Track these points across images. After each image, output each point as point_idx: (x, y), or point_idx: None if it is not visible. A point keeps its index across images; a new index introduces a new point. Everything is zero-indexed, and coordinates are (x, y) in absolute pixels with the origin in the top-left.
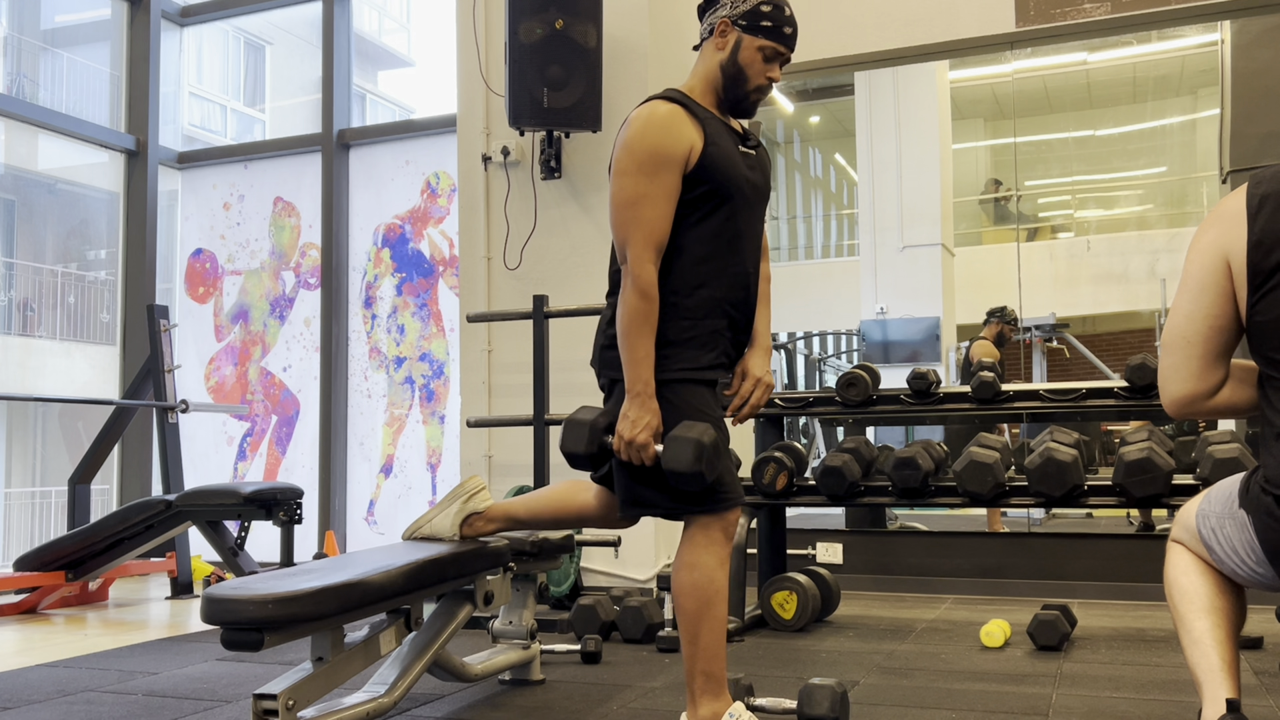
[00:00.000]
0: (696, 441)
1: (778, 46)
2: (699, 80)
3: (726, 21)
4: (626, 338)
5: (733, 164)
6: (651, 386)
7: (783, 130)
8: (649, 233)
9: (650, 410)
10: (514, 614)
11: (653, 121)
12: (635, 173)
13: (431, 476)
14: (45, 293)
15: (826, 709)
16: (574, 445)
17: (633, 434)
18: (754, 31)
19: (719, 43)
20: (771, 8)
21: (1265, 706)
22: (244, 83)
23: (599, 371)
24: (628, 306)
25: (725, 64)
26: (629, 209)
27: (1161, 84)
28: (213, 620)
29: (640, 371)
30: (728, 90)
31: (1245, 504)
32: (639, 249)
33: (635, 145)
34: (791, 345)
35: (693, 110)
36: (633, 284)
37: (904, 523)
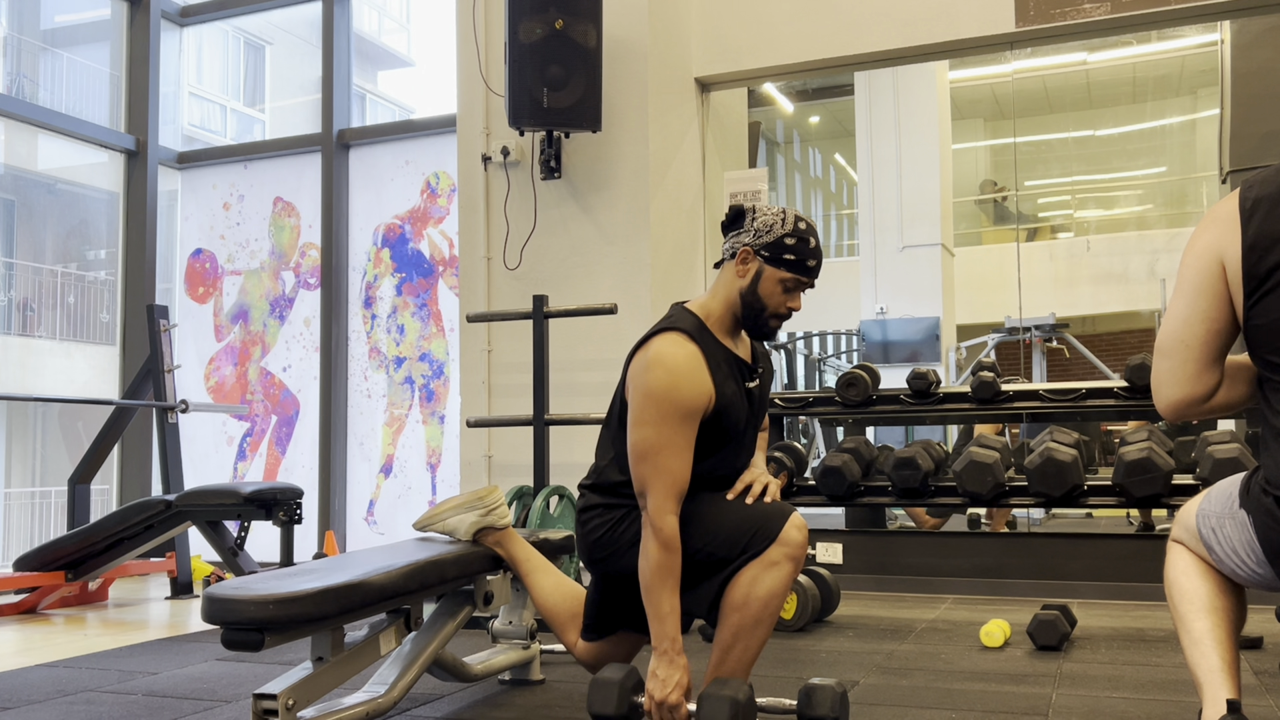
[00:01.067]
0: (732, 700)
1: (800, 278)
2: (719, 304)
3: (749, 250)
4: (650, 593)
5: (738, 410)
6: (679, 643)
7: (783, 130)
8: (671, 483)
9: (679, 667)
10: (514, 614)
11: (677, 374)
12: (658, 424)
13: (431, 476)
14: (45, 293)
15: (826, 709)
16: (603, 707)
17: (664, 694)
18: (777, 264)
19: (740, 270)
20: (796, 240)
21: (1265, 706)
22: (244, 83)
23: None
24: (650, 559)
25: (745, 292)
26: (652, 459)
27: (1161, 84)
28: (213, 620)
29: (666, 628)
30: (746, 318)
31: (1245, 504)
32: (660, 499)
33: (659, 397)
34: (791, 345)
35: (707, 353)
36: (654, 535)
37: (904, 523)
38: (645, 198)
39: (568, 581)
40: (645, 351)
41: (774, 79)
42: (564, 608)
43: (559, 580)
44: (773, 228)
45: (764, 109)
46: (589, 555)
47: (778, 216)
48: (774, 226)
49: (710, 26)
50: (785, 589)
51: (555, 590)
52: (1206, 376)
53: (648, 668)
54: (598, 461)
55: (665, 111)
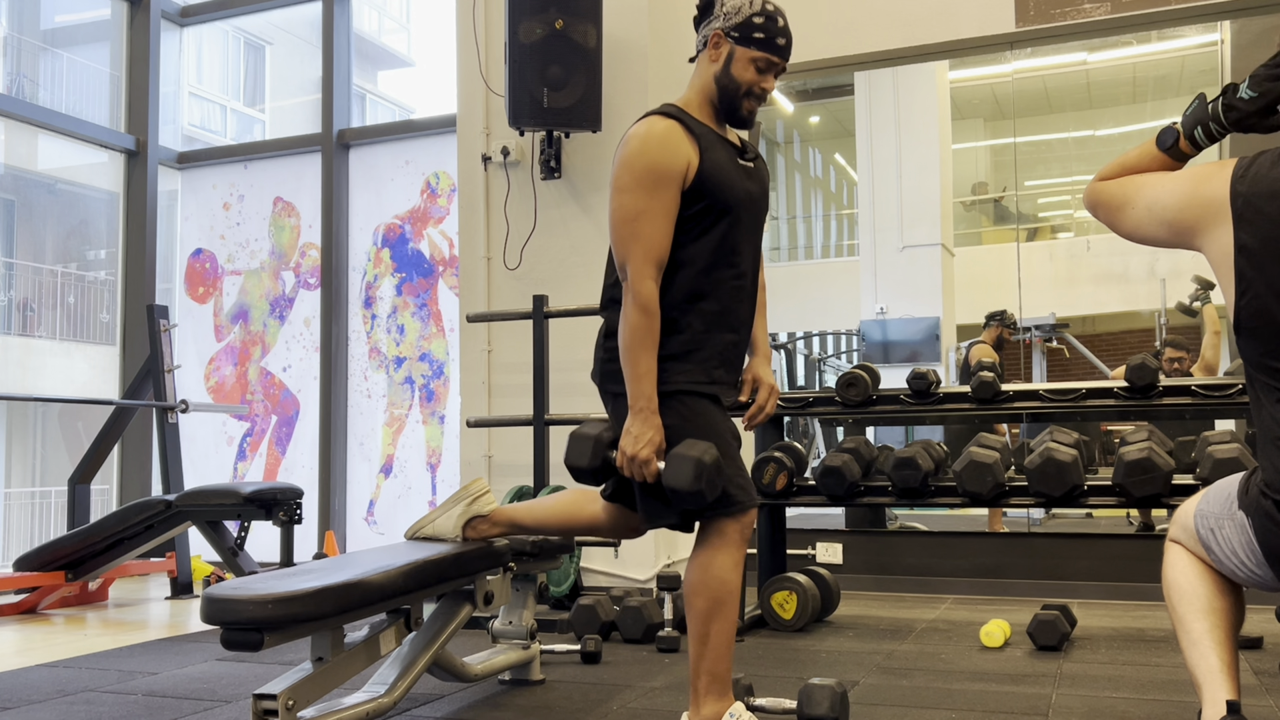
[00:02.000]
0: (697, 460)
1: (771, 57)
2: (695, 93)
3: (720, 33)
4: (628, 353)
5: (730, 178)
6: (654, 402)
7: (783, 130)
8: (649, 248)
9: (653, 426)
10: (514, 614)
11: (650, 138)
12: (634, 189)
13: (431, 476)
14: (45, 293)
15: (826, 709)
16: (578, 459)
17: (635, 450)
18: (747, 43)
19: (713, 54)
20: (764, 19)
21: (1265, 706)
22: (244, 83)
23: (600, 386)
24: (629, 322)
25: (719, 75)
26: (628, 225)
27: (1161, 84)
28: (213, 620)
29: (643, 387)
30: (723, 102)
31: (1244, 506)
32: (639, 265)
33: (634, 162)
34: (791, 345)
35: (689, 126)
36: (633, 300)
37: (904, 523)
38: None
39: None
40: (625, 134)
41: None
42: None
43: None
44: (741, 9)
45: (764, 109)
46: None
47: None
48: (742, 8)
49: None
50: (741, 565)
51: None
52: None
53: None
54: (606, 280)
55: None
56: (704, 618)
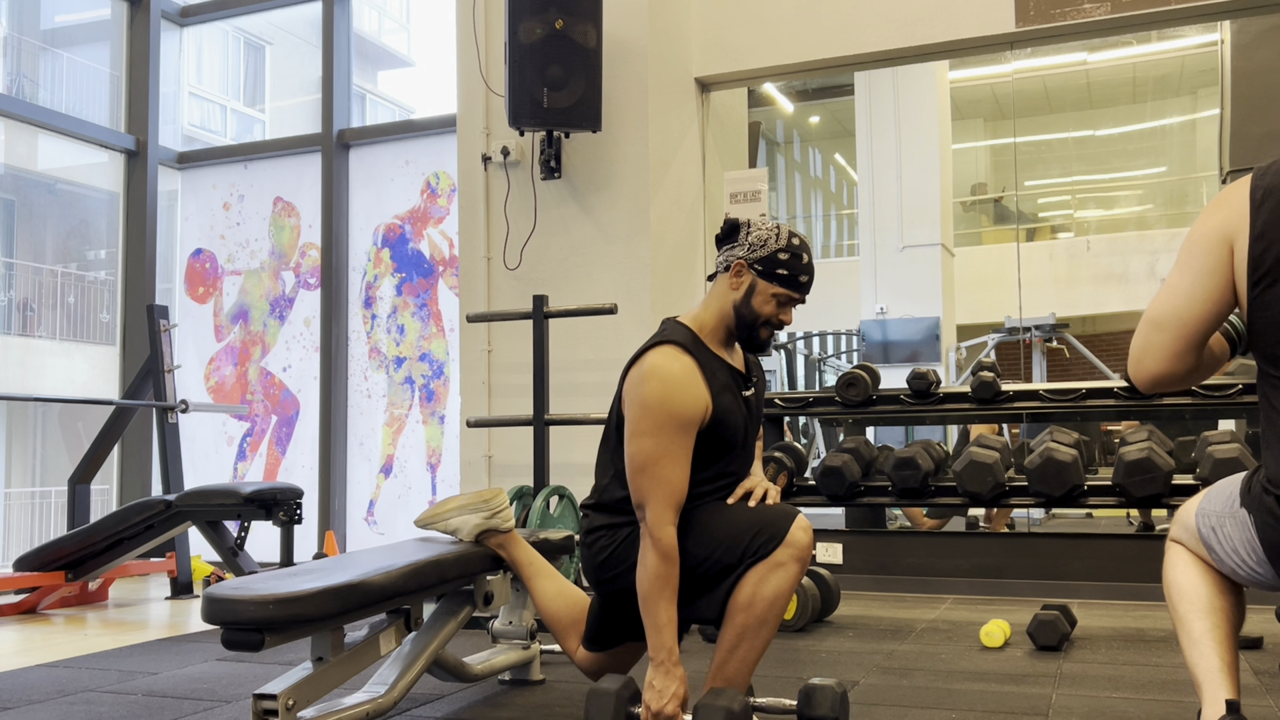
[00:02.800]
0: (727, 710)
1: (792, 294)
2: (712, 316)
3: (743, 264)
4: (648, 603)
5: (735, 419)
6: (676, 654)
7: (783, 130)
8: (669, 493)
9: (676, 678)
10: (514, 614)
11: (671, 384)
12: (655, 434)
13: (431, 476)
14: (45, 293)
15: (826, 709)
16: (600, 718)
17: (660, 705)
18: (770, 278)
19: (734, 282)
20: (789, 256)
21: (1265, 706)
22: (244, 83)
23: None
24: (648, 570)
25: (739, 305)
26: (650, 470)
27: (1161, 84)
28: (213, 620)
29: (663, 638)
30: (739, 330)
31: (1247, 503)
32: (659, 510)
33: (655, 408)
34: (791, 345)
35: (702, 365)
36: (654, 547)
37: (903, 523)
38: (645, 198)
39: (569, 587)
40: (640, 365)
41: (774, 79)
42: (566, 614)
43: (561, 586)
44: (767, 242)
45: (764, 109)
46: (596, 576)
47: (772, 232)
48: (768, 241)
49: (710, 26)
50: (791, 590)
51: (558, 596)
52: (1190, 356)
53: (644, 678)
54: (598, 480)
55: (665, 111)
56: (740, 631)
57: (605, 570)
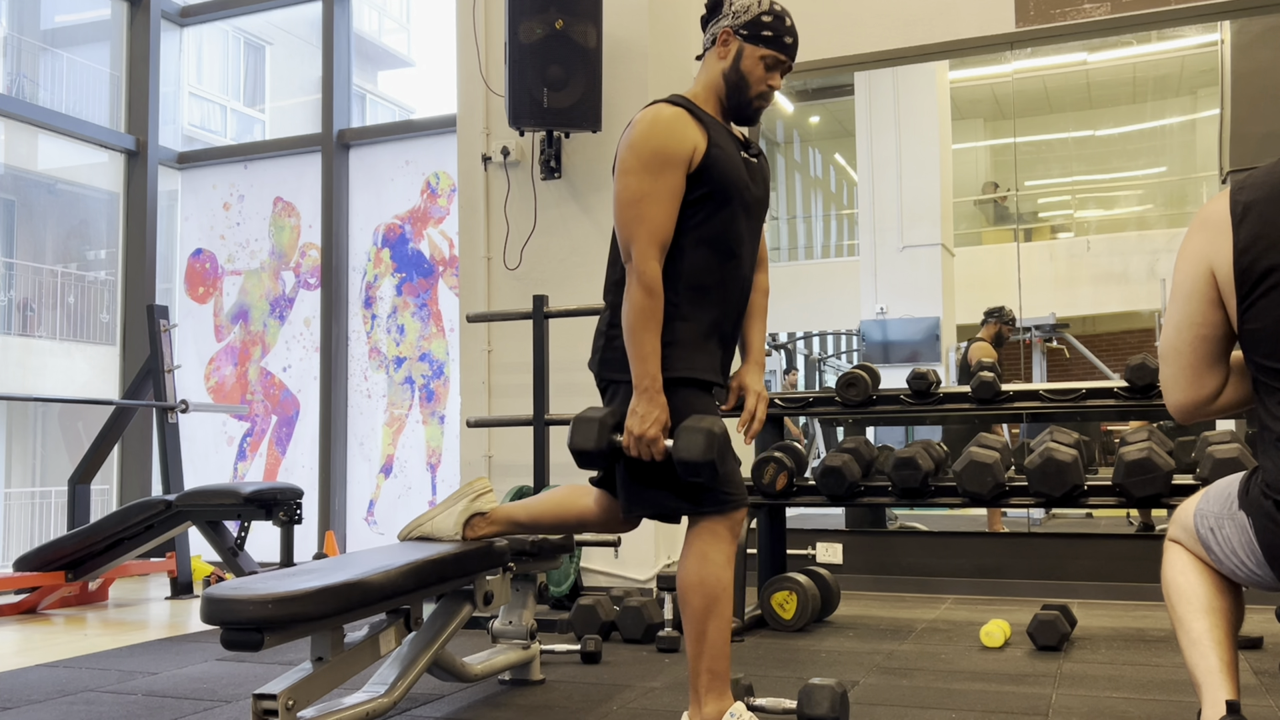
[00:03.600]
0: (708, 431)
1: (779, 55)
2: (702, 88)
3: (728, 31)
4: (633, 334)
5: (735, 168)
6: (659, 382)
7: (783, 130)
8: (653, 230)
9: (659, 405)
10: (514, 614)
11: (658, 122)
12: (640, 171)
13: (431, 476)
14: (45, 293)
15: (826, 709)
16: (583, 442)
17: (642, 429)
18: (755, 41)
19: (721, 51)
20: (772, 18)
21: (1265, 706)
22: (244, 83)
23: (598, 374)
24: (634, 303)
25: (727, 72)
26: (633, 207)
27: (1161, 84)
28: (213, 620)
29: (648, 367)
30: (730, 98)
31: (1245, 505)
32: (643, 246)
33: (640, 145)
34: (791, 345)
35: (696, 114)
36: (638, 280)
37: (904, 523)
38: None
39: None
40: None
41: None
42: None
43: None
44: (749, 7)
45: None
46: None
47: None
48: (750, 6)
49: None
50: (732, 562)
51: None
52: (1207, 380)
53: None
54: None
55: None
56: (700, 616)
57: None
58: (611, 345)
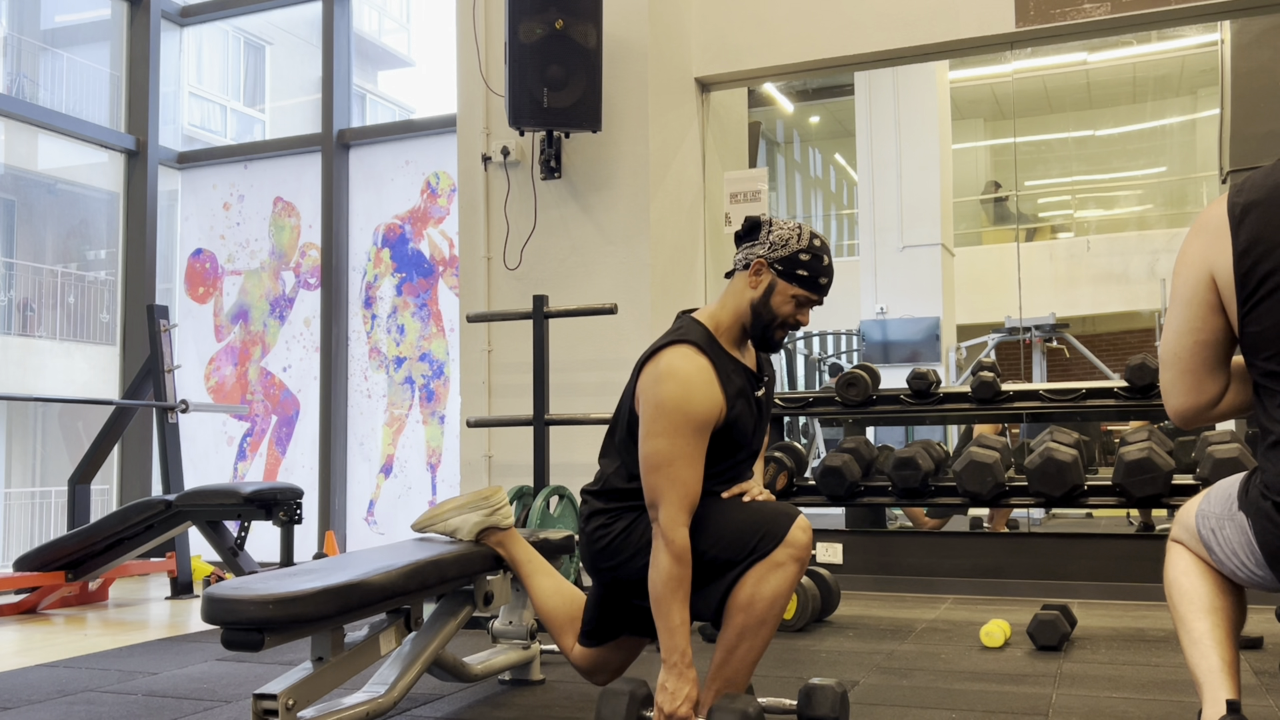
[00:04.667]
0: (743, 713)
1: (811, 296)
2: (728, 314)
3: (763, 262)
4: (660, 604)
5: (747, 420)
6: (689, 656)
7: (783, 130)
8: (684, 494)
9: (689, 681)
10: (514, 614)
11: (688, 385)
12: (671, 435)
13: (431, 476)
14: (45, 293)
15: (826, 709)
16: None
17: (673, 707)
18: (790, 279)
19: (753, 281)
20: (810, 257)
21: (1265, 706)
22: (244, 83)
23: (591, 567)
24: (662, 571)
25: (756, 304)
26: (664, 470)
27: (1161, 84)
28: (213, 620)
29: (676, 640)
30: (755, 329)
31: (1244, 507)
32: (673, 511)
33: (671, 410)
34: (791, 345)
35: (717, 367)
36: (667, 549)
37: (904, 523)
38: (645, 198)
39: (567, 585)
40: (656, 364)
41: (774, 79)
42: (563, 612)
43: (559, 584)
44: (788, 242)
45: (764, 109)
46: (595, 563)
47: (794, 231)
48: (789, 241)
49: (710, 26)
50: (790, 589)
51: (555, 594)
52: (1208, 385)
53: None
54: (603, 469)
55: (665, 111)
56: (740, 632)
57: (604, 559)
58: (594, 537)
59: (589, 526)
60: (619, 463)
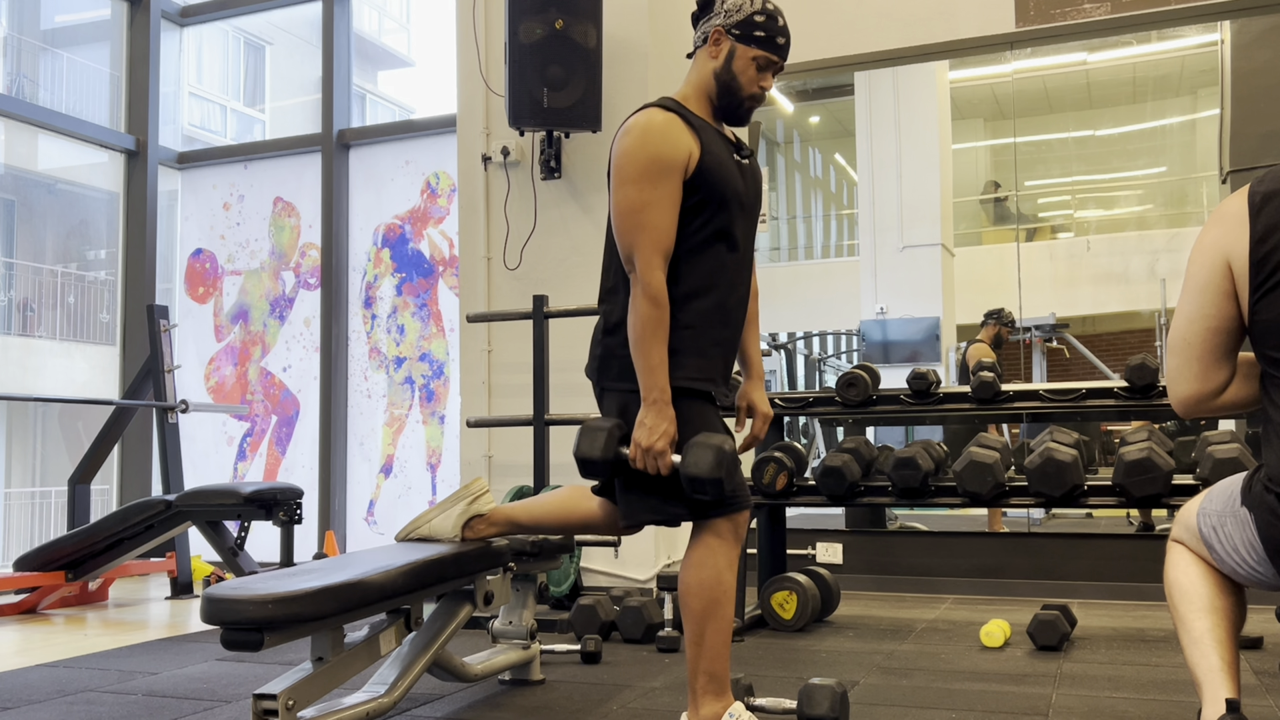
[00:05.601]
0: (718, 449)
1: (771, 56)
2: (692, 89)
3: (720, 30)
4: (640, 345)
5: (727, 172)
6: (668, 394)
7: (783, 130)
8: (656, 239)
9: (667, 418)
10: (514, 614)
11: (651, 129)
12: (638, 180)
13: (431, 476)
14: (45, 293)
15: (826, 709)
16: (589, 450)
17: (650, 441)
18: (747, 41)
19: (712, 51)
20: (765, 18)
21: (1265, 706)
22: (244, 83)
23: (596, 381)
24: (639, 314)
25: (719, 72)
26: (634, 216)
27: (1161, 84)
28: (213, 620)
29: (656, 379)
30: (721, 98)
31: (1248, 501)
32: (647, 255)
33: (636, 153)
34: (791, 345)
35: (688, 118)
36: (643, 291)
37: (904, 523)
38: None
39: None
40: (623, 125)
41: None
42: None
43: (552, 495)
44: (741, 7)
45: (764, 109)
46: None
47: None
48: (743, 6)
49: None
50: (735, 566)
51: (556, 504)
52: (1214, 374)
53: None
54: (604, 281)
55: None
56: (700, 618)
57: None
58: (609, 352)
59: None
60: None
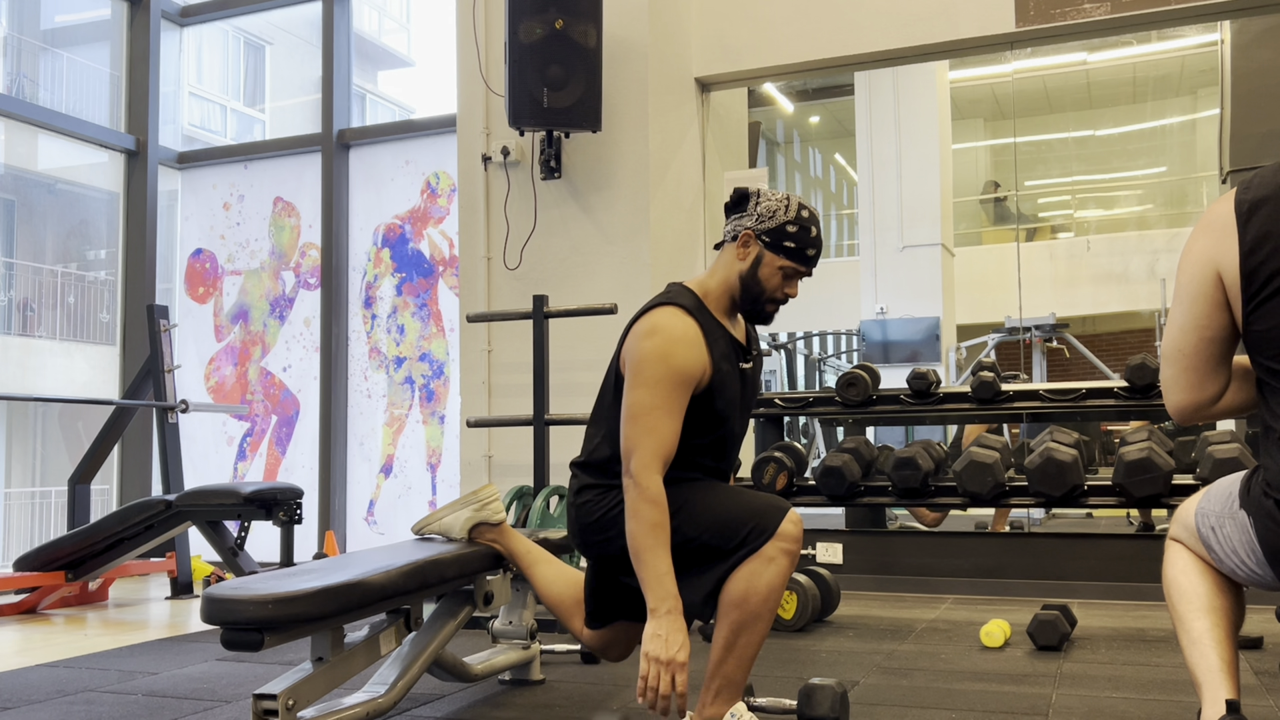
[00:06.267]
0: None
1: (799, 267)
2: (717, 284)
3: (750, 234)
4: (643, 554)
5: (732, 389)
6: (678, 602)
7: (783, 130)
8: (659, 444)
9: (680, 628)
10: (514, 614)
11: (675, 339)
12: (655, 385)
13: (431, 476)
14: (45, 293)
15: (826, 709)
16: None
17: (671, 654)
18: (776, 250)
19: (741, 252)
20: (798, 228)
21: (1265, 706)
22: (244, 83)
23: (582, 543)
24: (640, 519)
25: (744, 275)
26: (642, 419)
27: (1161, 84)
28: (213, 620)
29: (666, 587)
30: (744, 301)
31: (1246, 505)
32: (647, 458)
33: (657, 362)
34: (791, 345)
35: (704, 329)
36: (641, 495)
37: (904, 523)
38: (645, 198)
39: (569, 570)
40: (644, 322)
41: (774, 79)
42: (568, 596)
43: (560, 569)
44: (776, 213)
45: (764, 109)
46: (584, 539)
47: (781, 203)
48: (777, 212)
49: (710, 26)
50: (784, 584)
51: (558, 579)
52: (1209, 382)
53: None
54: (589, 437)
55: (665, 111)
56: (736, 628)
57: (593, 533)
58: (583, 511)
59: (578, 500)
60: (605, 431)
